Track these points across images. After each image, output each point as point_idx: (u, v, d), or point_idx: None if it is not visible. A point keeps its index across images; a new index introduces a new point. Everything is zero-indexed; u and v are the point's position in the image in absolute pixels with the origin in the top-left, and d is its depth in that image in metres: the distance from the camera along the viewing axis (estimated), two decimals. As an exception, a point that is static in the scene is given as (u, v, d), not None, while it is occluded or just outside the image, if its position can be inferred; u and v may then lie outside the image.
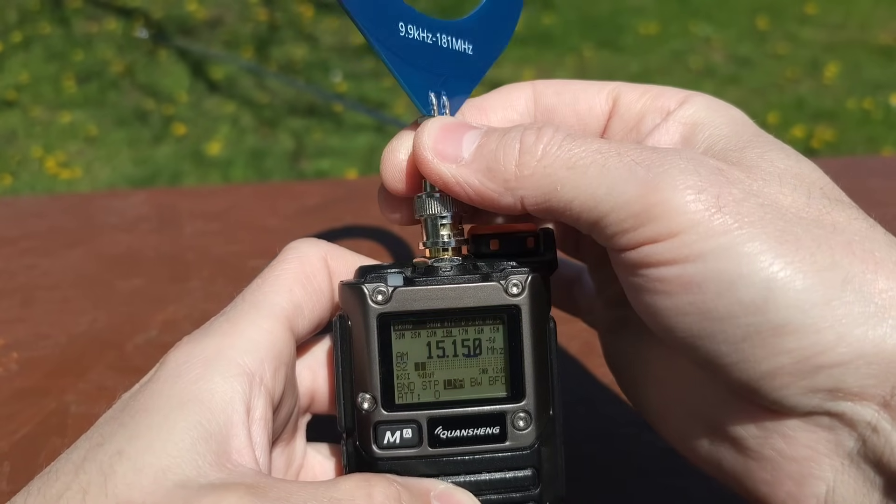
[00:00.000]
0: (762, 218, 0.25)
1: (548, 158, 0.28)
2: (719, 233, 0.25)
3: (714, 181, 0.26)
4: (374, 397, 0.31)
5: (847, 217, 0.27)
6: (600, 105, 0.33)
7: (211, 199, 0.84)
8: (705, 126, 0.30)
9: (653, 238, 0.26)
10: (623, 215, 0.26)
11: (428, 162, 0.30)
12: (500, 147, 0.29)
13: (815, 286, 0.24)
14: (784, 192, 0.27)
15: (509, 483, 0.31)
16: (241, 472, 0.26)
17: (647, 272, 0.26)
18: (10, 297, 0.65)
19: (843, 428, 0.25)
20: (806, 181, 0.28)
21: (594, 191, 0.26)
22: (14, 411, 0.50)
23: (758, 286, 0.24)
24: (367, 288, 0.30)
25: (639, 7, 3.67)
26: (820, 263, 0.25)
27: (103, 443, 0.26)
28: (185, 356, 0.28)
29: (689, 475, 0.44)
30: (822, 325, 0.24)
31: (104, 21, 3.52)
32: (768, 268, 0.24)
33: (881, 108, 2.80)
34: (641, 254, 0.26)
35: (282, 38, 3.41)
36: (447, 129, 0.30)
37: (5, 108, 2.94)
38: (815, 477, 0.26)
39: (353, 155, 2.61)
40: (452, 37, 0.32)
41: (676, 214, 0.25)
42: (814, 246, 0.25)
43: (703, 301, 0.25)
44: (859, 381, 0.24)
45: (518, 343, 0.31)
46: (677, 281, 0.25)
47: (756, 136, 0.30)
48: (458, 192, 0.30)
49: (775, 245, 0.25)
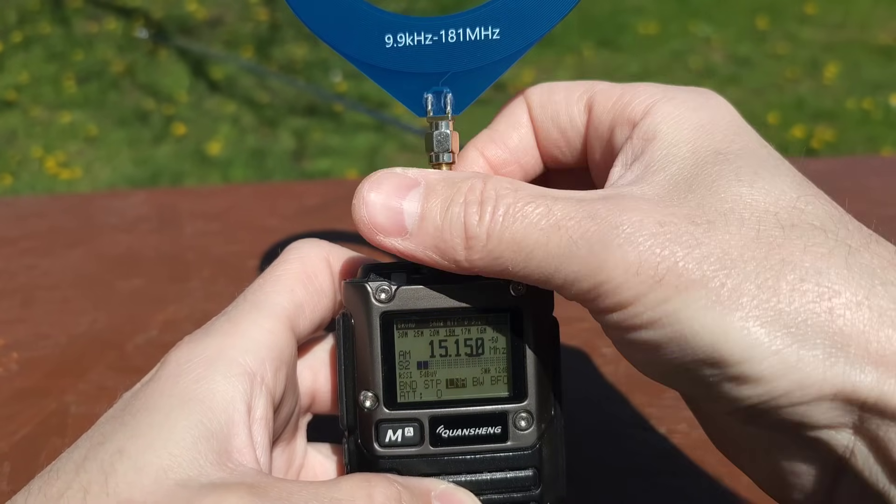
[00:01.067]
0: (703, 275, 0.25)
1: (493, 241, 0.27)
2: (662, 301, 0.25)
3: (653, 247, 0.26)
4: (377, 395, 0.31)
5: (803, 245, 0.25)
6: (579, 117, 0.33)
7: (211, 199, 0.84)
8: (663, 144, 0.29)
9: (608, 309, 0.26)
10: (575, 291, 0.27)
11: (372, 239, 0.29)
12: (444, 224, 0.28)
13: (761, 338, 0.24)
14: (731, 232, 0.26)
15: (510, 483, 0.31)
16: (242, 472, 0.26)
17: (616, 333, 0.27)
18: (10, 298, 0.65)
19: (826, 449, 0.26)
20: (757, 211, 0.26)
21: (543, 269, 0.27)
22: (14, 412, 0.50)
23: (707, 345, 0.25)
24: (370, 286, 0.30)
25: (638, 7, 3.67)
26: (765, 316, 0.24)
27: (104, 442, 0.26)
28: (186, 356, 0.28)
29: (689, 475, 0.44)
30: (775, 374, 0.24)
31: (104, 21, 3.52)
32: (714, 327, 0.25)
33: (881, 108, 2.80)
34: (605, 319, 0.27)
35: (282, 38, 3.41)
36: (384, 195, 0.28)
37: (5, 108, 2.94)
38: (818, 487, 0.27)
39: (353, 155, 2.61)
40: (465, 28, 0.31)
41: (621, 291, 0.26)
42: (759, 294, 0.25)
43: (667, 358, 0.26)
44: (825, 414, 0.25)
45: (521, 343, 0.31)
46: (640, 342, 0.26)
47: (712, 155, 0.28)
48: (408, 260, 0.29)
49: (716, 304, 0.25)
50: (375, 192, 0.29)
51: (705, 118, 0.30)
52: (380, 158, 2.58)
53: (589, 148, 0.33)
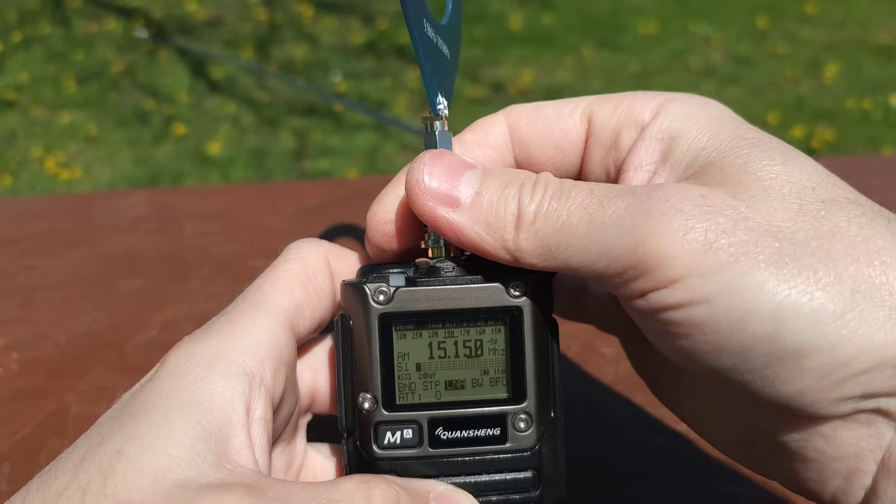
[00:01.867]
0: (756, 245, 0.25)
1: (539, 221, 0.27)
2: (716, 271, 0.25)
3: (699, 215, 0.25)
4: (375, 397, 0.31)
5: (846, 217, 0.26)
6: (575, 128, 0.33)
7: (211, 199, 0.84)
8: (682, 139, 0.29)
9: (654, 287, 0.26)
10: (619, 269, 0.26)
11: (423, 204, 0.29)
12: (500, 202, 0.28)
13: (824, 305, 0.24)
14: (773, 206, 0.26)
15: (509, 485, 0.31)
16: (241, 473, 0.26)
17: (658, 317, 0.26)
18: (10, 298, 0.65)
19: (882, 421, 0.25)
20: (795, 186, 0.26)
21: (587, 250, 0.27)
22: (14, 412, 0.50)
23: (767, 317, 0.24)
24: (368, 288, 0.30)
25: (638, 6, 3.67)
26: (824, 280, 0.24)
27: (103, 442, 0.26)
28: (185, 356, 0.28)
29: (689, 475, 0.44)
30: (838, 340, 0.24)
31: (104, 21, 3.52)
32: (773, 297, 0.24)
33: (881, 107, 2.80)
34: (648, 301, 0.26)
35: (282, 38, 3.41)
36: (445, 166, 0.29)
37: (5, 108, 2.94)
38: (862, 472, 0.26)
39: (353, 154, 2.61)
40: (441, 39, 0.33)
41: (669, 261, 0.25)
42: (815, 262, 0.24)
43: (717, 339, 0.25)
44: (887, 382, 0.24)
45: (520, 344, 0.31)
46: (688, 323, 0.25)
47: (736, 140, 0.28)
48: (450, 238, 0.29)
49: (774, 271, 0.24)
50: (438, 163, 0.29)
51: (713, 113, 0.30)
52: (380, 158, 2.58)
53: (587, 157, 0.33)
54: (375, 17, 3.53)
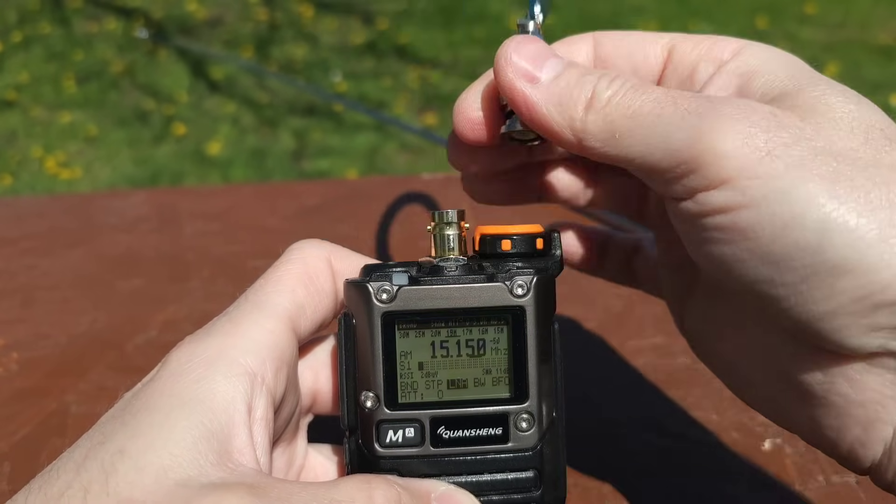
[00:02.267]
0: (813, 160, 0.25)
1: (611, 106, 0.29)
2: (769, 177, 0.25)
3: (764, 126, 0.26)
4: (378, 396, 0.31)
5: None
6: (655, 56, 0.34)
7: (211, 199, 0.84)
8: (761, 73, 0.30)
9: (704, 185, 0.26)
10: (674, 162, 0.27)
11: (506, 73, 0.30)
12: (577, 85, 0.29)
13: (869, 225, 0.24)
14: (839, 134, 0.26)
15: (511, 484, 0.31)
16: (242, 472, 0.26)
17: (703, 221, 0.27)
18: (10, 298, 0.65)
19: None
20: (864, 123, 0.27)
21: (649, 139, 0.27)
22: (14, 412, 0.50)
23: (812, 228, 0.25)
24: (371, 286, 0.30)
25: (638, 7, 3.67)
26: (875, 203, 0.25)
27: (105, 441, 0.26)
28: (187, 356, 0.28)
29: (689, 475, 0.44)
30: (879, 263, 0.24)
31: (104, 21, 3.52)
32: (821, 209, 0.24)
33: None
34: (696, 202, 0.27)
35: (282, 38, 3.41)
36: (534, 49, 0.31)
37: (5, 108, 2.94)
38: (882, 421, 0.26)
39: (353, 155, 2.61)
40: None
41: (723, 160, 0.26)
42: (868, 185, 0.25)
43: (758, 246, 0.26)
44: None
45: (522, 344, 0.31)
46: (732, 228, 0.26)
47: (814, 80, 0.29)
48: (522, 112, 0.30)
49: (828, 186, 0.25)
50: (528, 44, 0.31)
51: (791, 59, 0.31)
52: (380, 158, 2.58)
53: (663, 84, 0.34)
54: (375, 17, 3.53)
